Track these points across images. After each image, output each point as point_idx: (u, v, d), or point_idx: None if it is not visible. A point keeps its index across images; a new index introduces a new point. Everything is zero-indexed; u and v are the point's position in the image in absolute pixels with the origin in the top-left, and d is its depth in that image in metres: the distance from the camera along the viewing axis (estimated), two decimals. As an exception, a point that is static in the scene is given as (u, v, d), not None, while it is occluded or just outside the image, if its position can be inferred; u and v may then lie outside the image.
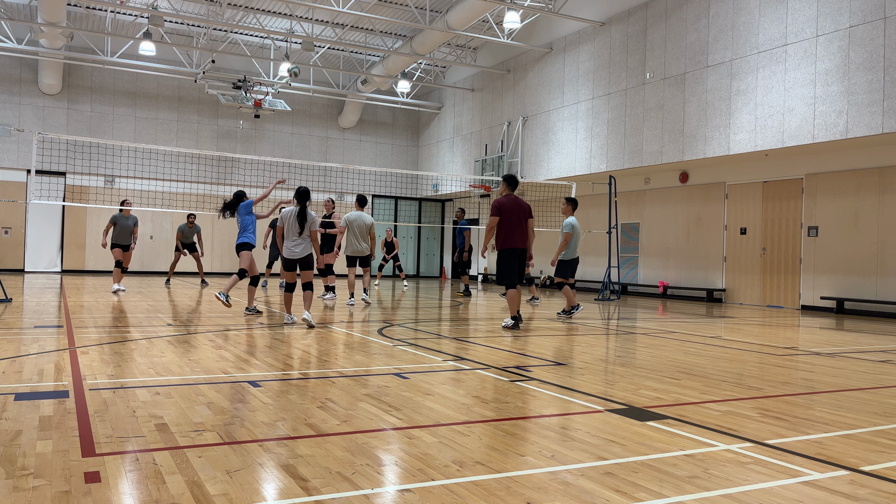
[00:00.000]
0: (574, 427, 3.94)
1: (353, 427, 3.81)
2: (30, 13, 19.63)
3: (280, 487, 2.85)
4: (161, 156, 21.85)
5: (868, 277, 13.23)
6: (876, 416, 4.42)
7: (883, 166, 13.09)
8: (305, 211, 8.58)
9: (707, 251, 16.53)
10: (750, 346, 8.06)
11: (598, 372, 5.91)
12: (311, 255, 8.68)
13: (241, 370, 5.52)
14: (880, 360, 7.07)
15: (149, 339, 7.22)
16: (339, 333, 8.10)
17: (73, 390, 4.55)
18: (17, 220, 21.09)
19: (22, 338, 7.01)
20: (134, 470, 3.00)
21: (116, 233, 14.17)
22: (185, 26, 20.93)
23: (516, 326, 8.91)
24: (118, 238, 14.16)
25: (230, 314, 9.96)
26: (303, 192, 8.62)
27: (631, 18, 16.79)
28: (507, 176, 9.16)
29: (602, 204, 18.63)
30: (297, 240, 8.61)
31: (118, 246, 14.09)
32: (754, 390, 5.22)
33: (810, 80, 12.73)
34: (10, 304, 10.65)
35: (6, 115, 20.81)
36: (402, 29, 21.31)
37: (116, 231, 14.17)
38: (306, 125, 25.00)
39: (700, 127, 14.86)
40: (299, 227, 8.59)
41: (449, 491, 2.84)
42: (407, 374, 5.49)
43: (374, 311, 11.27)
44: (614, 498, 2.81)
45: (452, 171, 24.27)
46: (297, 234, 8.60)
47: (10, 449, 3.24)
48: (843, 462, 3.38)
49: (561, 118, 19.08)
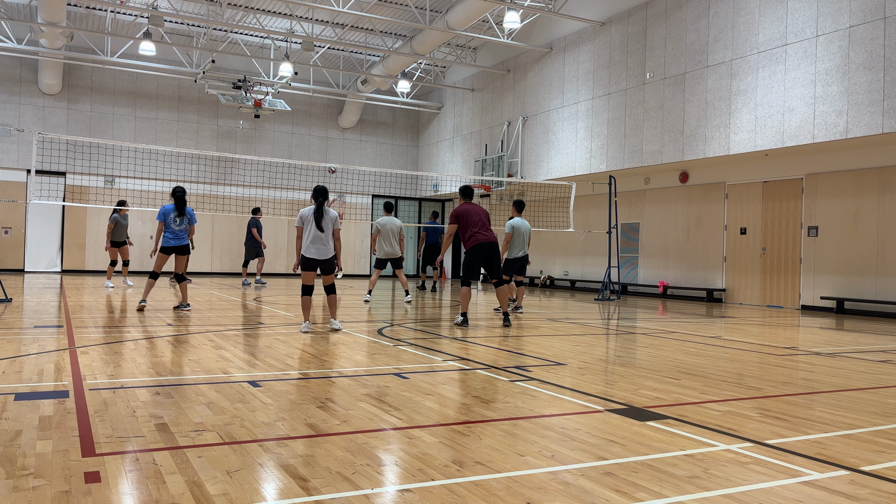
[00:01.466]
0: (574, 427, 3.94)
1: (353, 427, 3.81)
2: (30, 13, 19.63)
3: (280, 487, 2.85)
4: (161, 156, 21.84)
5: (868, 277, 13.23)
6: (876, 416, 4.42)
7: (883, 166, 13.09)
8: (323, 209, 8.17)
9: (707, 251, 16.53)
10: (750, 346, 8.06)
11: (598, 372, 5.91)
12: (333, 258, 8.26)
13: (241, 370, 5.52)
14: (880, 360, 7.07)
15: (149, 339, 7.23)
16: (339, 333, 8.10)
17: (73, 390, 4.55)
18: (17, 220, 21.09)
19: (22, 338, 7.01)
20: (134, 470, 3.00)
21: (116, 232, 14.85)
22: (185, 26, 20.93)
23: (465, 324, 9.18)
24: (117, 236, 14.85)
25: (230, 314, 9.96)
26: (319, 189, 8.23)
27: (631, 18, 16.79)
28: (462, 187, 9.60)
29: (602, 204, 18.63)
30: (319, 236, 8.15)
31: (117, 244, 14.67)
32: (754, 390, 5.22)
33: (810, 80, 12.73)
34: (10, 304, 10.65)
35: (6, 115, 20.81)
36: (402, 29, 21.31)
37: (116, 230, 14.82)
38: (306, 125, 25.00)
39: (700, 127, 14.86)
40: (318, 226, 8.13)
41: (449, 491, 2.84)
42: (407, 374, 5.50)
43: (375, 312, 11.27)
44: (614, 498, 2.81)
45: (452, 171, 24.27)
46: (318, 232, 8.17)
47: (10, 449, 3.24)
48: (843, 462, 3.38)
49: (561, 118, 19.08)
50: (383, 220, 13.03)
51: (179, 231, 9.87)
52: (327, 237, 8.19)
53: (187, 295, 10.09)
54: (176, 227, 9.83)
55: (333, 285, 8.43)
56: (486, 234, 9.17)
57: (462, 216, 9.23)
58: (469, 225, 9.16)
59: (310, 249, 8.17)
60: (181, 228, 9.86)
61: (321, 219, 8.14)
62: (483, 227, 9.19)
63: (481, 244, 9.12)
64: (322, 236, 8.16)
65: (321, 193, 8.23)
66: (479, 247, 9.12)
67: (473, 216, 9.21)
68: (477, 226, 9.15)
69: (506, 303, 9.35)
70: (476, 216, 9.22)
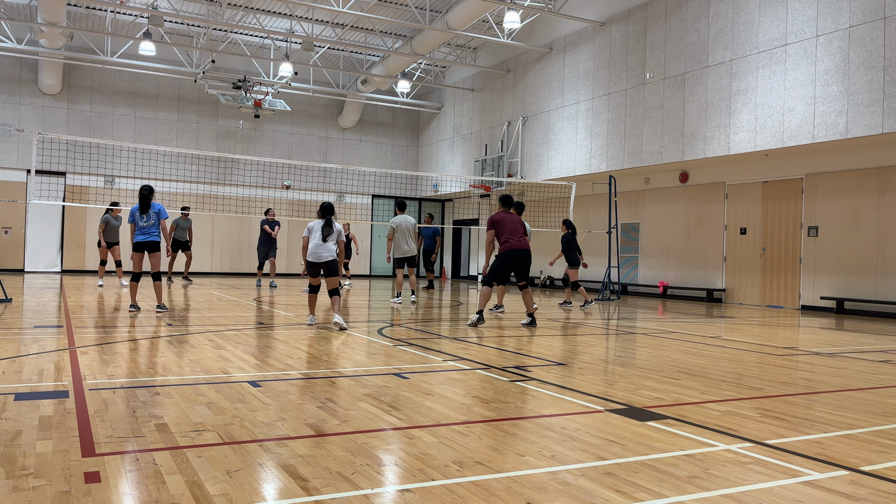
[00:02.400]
0: (574, 427, 3.94)
1: (353, 427, 3.81)
2: (30, 13, 19.63)
3: (280, 487, 2.85)
4: (161, 156, 21.84)
5: (868, 277, 13.23)
6: (876, 416, 4.42)
7: (883, 166, 13.09)
8: (332, 224, 8.78)
9: (707, 251, 16.54)
10: (750, 346, 8.06)
11: (598, 372, 5.91)
12: (335, 261, 8.77)
13: (241, 370, 5.52)
14: (880, 360, 7.07)
15: (149, 339, 7.23)
16: (339, 333, 8.10)
17: (73, 390, 4.55)
18: (17, 220, 21.09)
19: (22, 338, 7.01)
20: (134, 470, 3.00)
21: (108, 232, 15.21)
22: (185, 26, 20.93)
23: (480, 321, 9.29)
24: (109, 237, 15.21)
25: (230, 314, 9.96)
26: (326, 207, 8.82)
27: (631, 18, 16.79)
28: (504, 196, 9.84)
29: (602, 204, 18.62)
30: (322, 244, 8.71)
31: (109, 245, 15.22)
32: (754, 390, 5.22)
33: (810, 80, 12.73)
34: (10, 304, 10.65)
35: (6, 115, 20.82)
36: (402, 29, 21.31)
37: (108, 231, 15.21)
38: (306, 125, 25.00)
39: (700, 127, 14.86)
40: (323, 236, 8.73)
41: (449, 491, 2.84)
42: (407, 374, 5.50)
43: (374, 312, 11.27)
44: (614, 498, 2.81)
45: (452, 172, 24.27)
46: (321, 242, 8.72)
47: (10, 449, 3.24)
48: (843, 462, 3.38)
49: (561, 118, 19.08)
50: (398, 218, 12.63)
51: (146, 227, 9.87)
52: (331, 244, 8.78)
53: (161, 295, 10.00)
54: (143, 223, 9.84)
55: (337, 289, 8.81)
56: (520, 241, 9.50)
57: (498, 223, 9.54)
58: (503, 232, 9.49)
59: (313, 254, 8.74)
60: (148, 224, 9.86)
61: (329, 234, 8.74)
62: (518, 236, 9.50)
63: (514, 249, 9.42)
64: (326, 244, 8.75)
65: (328, 211, 8.80)
66: (513, 252, 9.42)
67: (508, 224, 9.52)
68: (512, 234, 9.47)
69: (531, 305, 9.47)
70: (511, 224, 9.53)
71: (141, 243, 9.90)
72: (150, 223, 9.93)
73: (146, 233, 9.91)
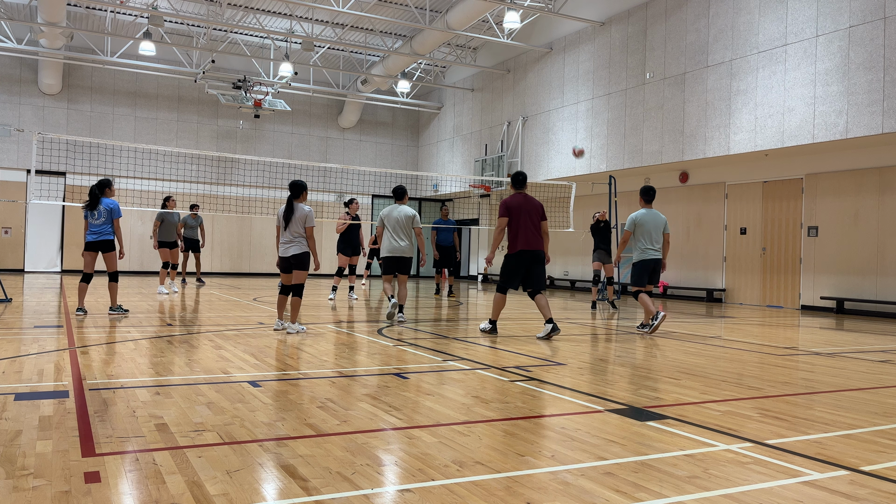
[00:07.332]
0: (574, 427, 3.94)
1: (353, 427, 3.81)
2: (30, 13, 19.63)
3: (280, 487, 2.85)
4: (161, 156, 21.83)
5: (868, 277, 13.23)
6: (876, 416, 4.42)
7: (883, 166, 13.09)
8: (292, 206, 7.87)
9: (707, 251, 16.53)
10: (750, 346, 8.06)
11: (598, 372, 5.91)
12: (304, 255, 7.89)
13: (241, 370, 5.52)
14: (880, 360, 7.07)
15: (149, 339, 7.22)
16: (339, 333, 8.10)
17: (73, 390, 4.55)
18: (17, 220, 21.09)
19: (22, 338, 7.01)
20: (134, 470, 3.00)
21: (164, 230, 14.11)
22: (184, 26, 20.92)
23: (493, 331, 8.38)
24: (166, 235, 14.09)
25: (230, 314, 9.95)
26: (291, 184, 7.95)
27: (631, 18, 16.79)
28: (515, 174, 8.45)
29: (602, 204, 18.61)
30: (288, 237, 7.96)
31: (166, 244, 14.07)
32: (754, 390, 5.22)
33: (810, 80, 12.73)
34: (10, 304, 10.65)
35: (6, 115, 20.81)
36: (402, 29, 21.31)
37: (163, 229, 14.10)
38: (306, 125, 25.00)
39: (700, 127, 14.86)
40: (285, 224, 7.91)
41: (449, 491, 2.84)
42: (407, 374, 5.50)
43: (374, 312, 11.27)
44: (614, 498, 2.81)
45: (452, 171, 24.27)
46: (286, 231, 7.92)
47: (10, 449, 3.24)
48: (843, 462, 3.38)
49: (561, 118, 19.07)
50: (388, 209, 9.83)
51: (96, 226, 9.32)
52: (297, 235, 7.91)
53: (116, 298, 9.61)
54: (93, 221, 9.27)
55: (299, 286, 7.95)
56: (534, 239, 8.18)
57: (513, 210, 8.15)
58: (516, 224, 8.14)
59: (282, 248, 8.00)
60: (98, 223, 9.26)
61: (290, 217, 7.87)
62: (533, 229, 8.18)
63: (523, 251, 8.15)
64: (291, 236, 7.92)
65: (293, 188, 7.94)
66: (522, 254, 8.16)
67: (524, 214, 8.14)
68: (524, 228, 8.14)
69: (547, 311, 8.17)
70: (526, 214, 8.14)
71: (92, 243, 9.28)
72: (101, 221, 9.26)
73: (96, 232, 9.28)
